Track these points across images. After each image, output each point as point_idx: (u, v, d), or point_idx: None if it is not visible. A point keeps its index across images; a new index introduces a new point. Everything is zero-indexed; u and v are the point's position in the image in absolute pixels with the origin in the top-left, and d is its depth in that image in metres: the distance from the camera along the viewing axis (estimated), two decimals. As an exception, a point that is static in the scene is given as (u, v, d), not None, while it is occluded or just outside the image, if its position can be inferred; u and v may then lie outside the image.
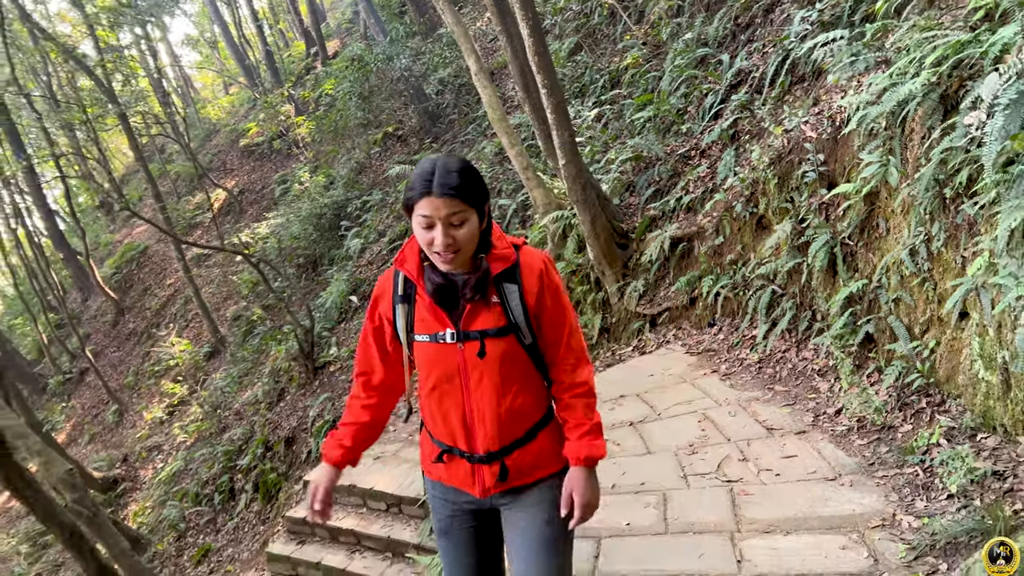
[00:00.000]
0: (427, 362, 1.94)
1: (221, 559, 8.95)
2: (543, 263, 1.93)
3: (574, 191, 5.77)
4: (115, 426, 16.00)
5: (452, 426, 1.95)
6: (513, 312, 1.88)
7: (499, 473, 1.93)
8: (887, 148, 3.47)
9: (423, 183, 1.77)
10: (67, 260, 23.06)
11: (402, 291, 1.98)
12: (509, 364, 1.89)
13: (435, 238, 1.76)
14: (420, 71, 13.32)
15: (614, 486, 3.38)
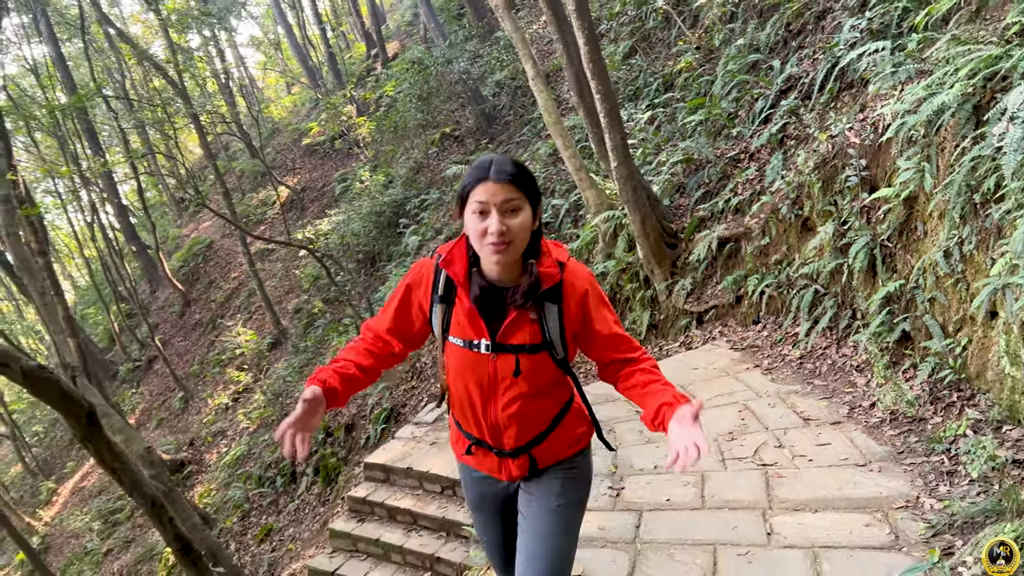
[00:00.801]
0: (458, 365, 1.97)
1: (283, 538, 9.44)
2: (587, 283, 1.93)
3: (625, 192, 6.02)
4: (181, 412, 16.78)
5: (479, 425, 2.00)
6: (550, 332, 1.90)
7: (528, 465, 2.01)
8: (924, 155, 3.65)
9: (480, 171, 1.80)
10: (137, 253, 24.13)
11: (443, 291, 1.98)
12: (538, 377, 1.93)
13: (489, 225, 1.77)
14: (478, 74, 13.66)
15: (656, 467, 3.65)
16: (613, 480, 3.59)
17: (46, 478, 21.10)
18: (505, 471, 2.05)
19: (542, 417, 1.98)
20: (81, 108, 17.31)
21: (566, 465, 2.04)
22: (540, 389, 1.93)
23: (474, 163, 1.85)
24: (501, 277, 1.90)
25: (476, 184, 1.79)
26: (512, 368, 1.89)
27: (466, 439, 2.10)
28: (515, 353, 1.89)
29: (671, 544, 2.92)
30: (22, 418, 27.07)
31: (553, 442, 2.01)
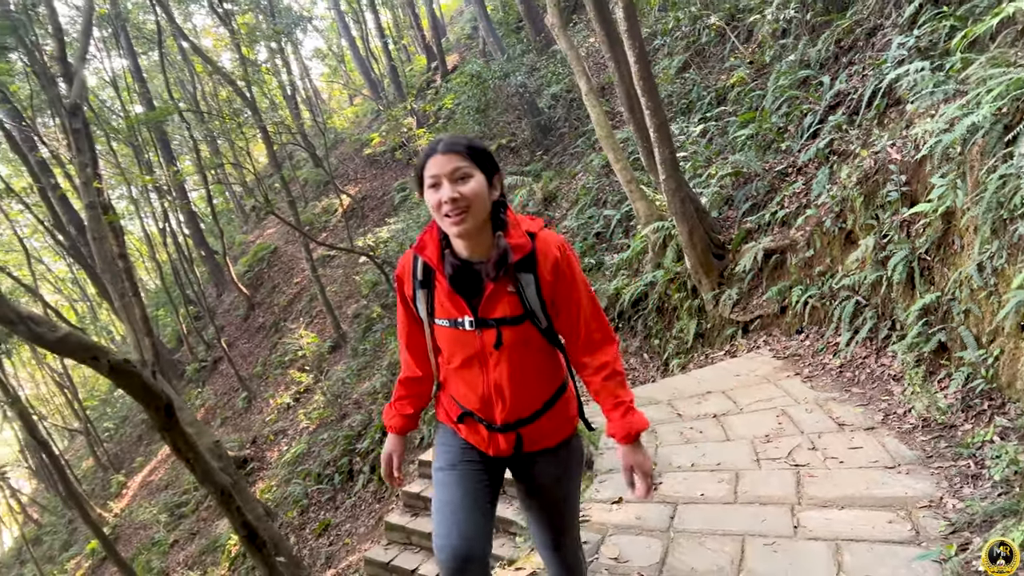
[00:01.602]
0: (447, 344, 2.04)
1: (340, 533, 9.84)
2: (558, 250, 1.98)
3: (673, 204, 6.23)
4: (244, 411, 17.45)
5: (472, 399, 2.05)
6: (529, 301, 1.95)
7: (514, 442, 2.06)
8: (959, 172, 3.79)
9: (430, 147, 1.90)
10: (205, 258, 25.13)
11: (422, 276, 2.04)
12: (524, 348, 1.98)
13: (442, 194, 1.83)
14: (534, 87, 13.98)
15: (693, 464, 3.85)
16: (652, 476, 3.80)
17: (116, 472, 22.08)
18: (493, 445, 2.08)
19: (535, 395, 2.04)
20: (157, 119, 18.17)
21: (557, 451, 2.11)
22: (528, 361, 2.00)
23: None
24: (472, 254, 1.96)
25: (427, 160, 1.89)
26: (494, 341, 1.95)
27: (458, 408, 2.12)
28: (498, 326, 1.94)
29: (702, 533, 3.13)
30: (93, 415, 28.35)
31: (542, 425, 2.06)
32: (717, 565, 2.88)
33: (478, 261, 1.95)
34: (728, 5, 9.87)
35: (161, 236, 23.55)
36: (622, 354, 7.38)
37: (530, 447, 2.08)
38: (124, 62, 24.36)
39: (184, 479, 16.60)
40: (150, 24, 25.81)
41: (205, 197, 23.14)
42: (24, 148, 15.34)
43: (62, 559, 20.27)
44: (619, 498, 3.61)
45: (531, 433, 2.06)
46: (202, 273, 26.14)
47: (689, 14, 10.35)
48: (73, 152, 9.01)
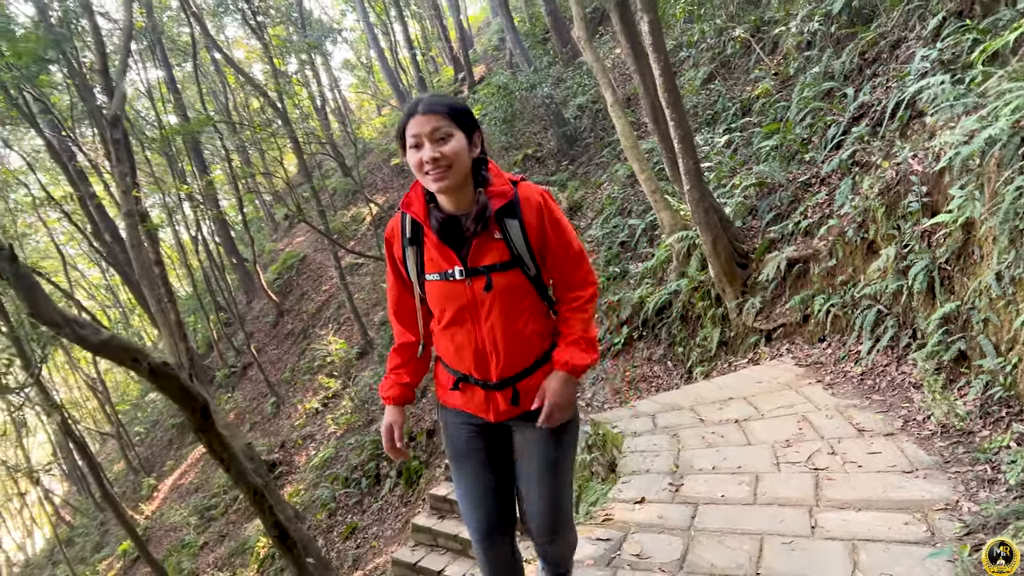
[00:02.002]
0: (439, 299, 2.08)
1: (367, 536, 10.01)
2: (541, 196, 2.07)
3: (697, 214, 6.33)
4: (273, 416, 17.74)
5: (466, 357, 2.09)
6: (516, 246, 2.01)
7: (511, 397, 2.10)
8: (978, 184, 3.87)
9: (410, 108, 1.96)
10: (236, 265, 25.58)
11: (410, 234, 2.10)
12: (515, 296, 2.04)
13: (423, 154, 1.90)
14: (560, 98, 14.15)
15: (714, 467, 3.95)
16: (674, 477, 3.91)
17: (147, 475, 22.50)
18: (492, 407, 2.14)
19: (527, 347, 2.10)
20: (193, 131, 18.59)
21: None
22: (517, 308, 2.06)
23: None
24: (456, 208, 2.03)
25: (408, 120, 1.95)
26: (483, 286, 2.01)
27: (452, 375, 2.18)
28: (487, 273, 2.01)
29: (722, 532, 3.23)
30: (124, 419, 28.89)
31: (538, 379, 2.12)
32: (736, 562, 2.98)
33: (463, 214, 2.02)
34: (754, 17, 9.96)
35: (193, 244, 24.06)
36: (646, 361, 7.50)
37: (526, 404, 2.12)
38: (159, 73, 24.94)
39: (213, 482, 16.92)
40: (184, 36, 26.44)
41: (236, 206, 23.61)
42: (63, 158, 15.78)
43: (94, 560, 20.68)
44: (641, 498, 3.72)
45: (528, 388, 2.11)
46: (232, 280, 26.60)
47: (714, 26, 10.45)
48: (113, 162, 9.32)
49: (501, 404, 2.13)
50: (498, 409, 2.14)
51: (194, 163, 23.45)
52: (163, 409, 27.31)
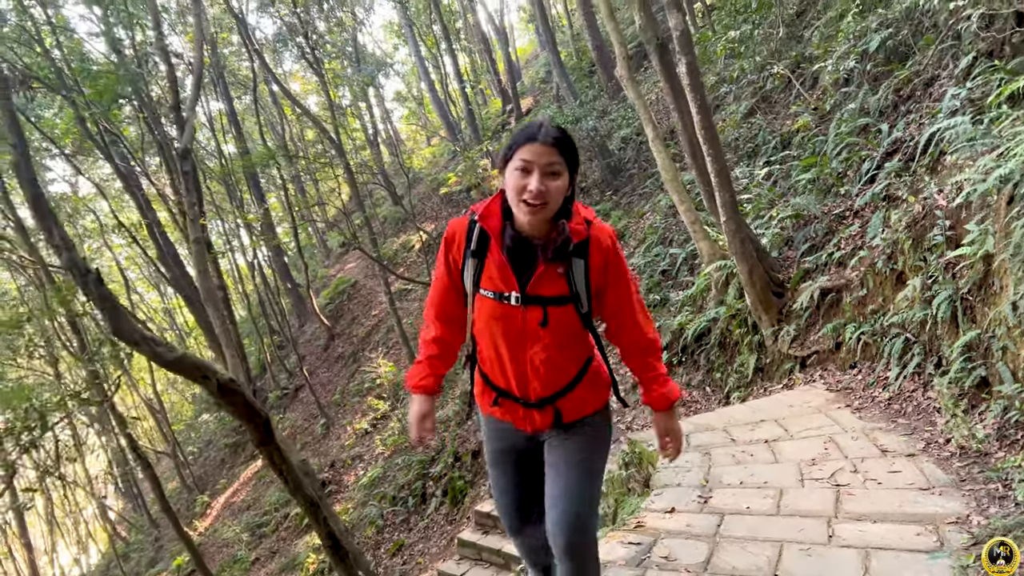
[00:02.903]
0: (488, 317, 2.10)
1: (413, 552, 10.34)
2: (610, 240, 2.09)
3: (733, 244, 6.61)
4: (322, 437, 18.24)
5: (507, 375, 2.14)
6: (576, 283, 2.04)
7: (552, 416, 2.17)
8: (993, 219, 4.11)
9: (531, 130, 1.95)
10: (289, 290, 26.41)
11: (476, 246, 2.09)
12: (564, 329, 2.09)
13: (530, 183, 1.90)
14: (605, 130, 14.54)
15: (741, 482, 4.21)
16: (703, 491, 4.18)
17: (200, 493, 23.20)
18: (529, 422, 2.21)
19: (565, 371, 2.15)
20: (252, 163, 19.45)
21: (588, 421, 2.24)
22: (565, 341, 2.12)
23: (523, 125, 2.04)
24: (532, 233, 2.04)
25: (525, 143, 1.94)
26: (540, 319, 2.05)
27: (492, 391, 2.24)
28: (543, 305, 2.04)
29: (745, 539, 3.50)
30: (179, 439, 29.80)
31: (575, 398, 2.19)
32: (756, 565, 3.25)
33: (535, 239, 2.04)
34: (795, 53, 10.24)
35: (249, 269, 24.95)
36: (685, 386, 7.75)
37: (568, 418, 2.20)
38: (220, 105, 26.11)
39: (265, 500, 17.43)
40: (244, 70, 27.64)
41: (291, 233, 24.47)
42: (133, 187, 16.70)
43: (148, 575, 21.34)
44: (672, 508, 4.00)
45: (568, 404, 2.19)
46: (286, 305, 27.45)
47: (754, 63, 10.74)
48: (182, 192, 9.97)
49: (539, 420, 2.20)
50: (535, 425, 2.22)
51: (252, 192, 24.39)
52: (216, 430, 28.16)
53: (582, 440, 2.24)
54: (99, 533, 34.52)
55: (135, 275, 33.32)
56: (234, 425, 24.08)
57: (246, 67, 27.01)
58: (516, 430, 2.28)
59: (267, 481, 18.47)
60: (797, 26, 10.95)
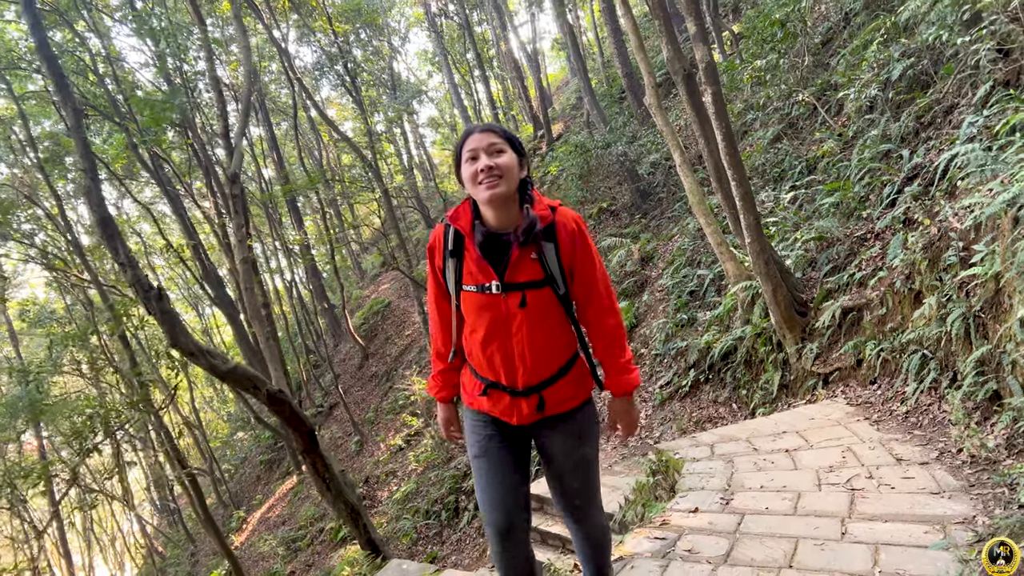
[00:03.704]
0: (474, 310, 2.23)
1: (445, 564, 10.60)
2: (575, 223, 2.24)
3: (758, 265, 6.89)
4: (356, 454, 18.63)
5: (495, 365, 2.25)
6: (550, 266, 2.18)
7: (537, 404, 2.28)
8: (1000, 240, 4.36)
9: (468, 129, 2.20)
10: (325, 310, 27.02)
11: (452, 246, 2.25)
12: (545, 311, 2.21)
13: (479, 163, 2.10)
14: (635, 155, 14.87)
15: (762, 487, 4.47)
16: (725, 494, 4.45)
17: (236, 508, 23.68)
18: (516, 411, 2.32)
19: (552, 358, 2.29)
20: (296, 188, 20.08)
21: (574, 415, 2.40)
22: (548, 324, 2.25)
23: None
24: (500, 224, 2.22)
25: (466, 138, 2.19)
26: (519, 301, 2.18)
27: (480, 383, 2.36)
28: (522, 290, 2.18)
29: (763, 536, 3.76)
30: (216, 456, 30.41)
31: (561, 387, 2.32)
32: (772, 558, 3.51)
33: (505, 232, 2.21)
34: (820, 81, 10.52)
35: (286, 291, 25.61)
36: (712, 403, 7.99)
37: (552, 409, 2.33)
38: (260, 131, 26.97)
39: (300, 515, 17.82)
40: (283, 97, 28.52)
41: (327, 255, 25.10)
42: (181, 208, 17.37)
43: (185, 589, 21.87)
44: (695, 508, 4.27)
45: (552, 395, 2.31)
46: (321, 324, 28.05)
47: (780, 91, 11.04)
48: (231, 214, 10.47)
49: (525, 409, 2.31)
50: (521, 414, 2.32)
51: (291, 215, 25.09)
52: (251, 447, 28.74)
53: (578, 434, 2.43)
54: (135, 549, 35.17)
55: (174, 295, 34.23)
56: (269, 443, 24.63)
57: (285, 94, 27.92)
58: (501, 421, 2.39)
59: (302, 497, 18.88)
60: (823, 54, 11.24)
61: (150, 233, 28.46)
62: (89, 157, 6.51)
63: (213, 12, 20.08)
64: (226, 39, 21.45)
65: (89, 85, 15.90)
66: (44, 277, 26.04)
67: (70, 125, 6.57)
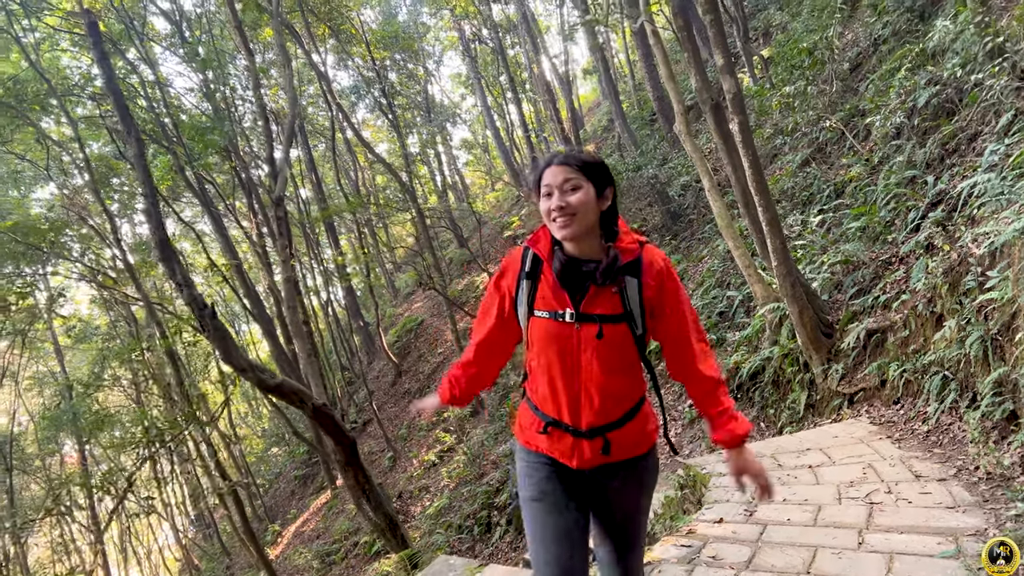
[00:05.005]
0: (543, 338, 2.09)
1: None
2: (663, 262, 2.10)
3: (784, 287, 7.11)
4: (389, 470, 18.96)
5: (559, 401, 2.10)
6: (630, 301, 2.04)
7: (602, 447, 2.10)
8: (1013, 267, 4.57)
9: (546, 160, 2.10)
10: (359, 328, 27.54)
11: (529, 268, 2.13)
12: (619, 349, 2.06)
13: (552, 202, 2.01)
14: (665, 177, 15.15)
15: (785, 500, 4.70)
16: (749, 506, 4.68)
17: (271, 522, 24.13)
18: (578, 454, 2.13)
19: (618, 402, 2.13)
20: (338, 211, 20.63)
21: (639, 462, 2.21)
22: (619, 363, 2.10)
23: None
24: (581, 253, 2.10)
25: (543, 171, 2.09)
26: (595, 333, 2.05)
27: (541, 420, 2.18)
28: (598, 322, 2.05)
29: (784, 544, 4.00)
30: (250, 470, 30.98)
31: (627, 432, 2.15)
32: (792, 565, 3.75)
33: (586, 260, 2.10)
34: (848, 106, 10.73)
35: (322, 309, 26.18)
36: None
37: (616, 455, 2.15)
38: (298, 152, 27.70)
39: (334, 529, 18.17)
40: (321, 120, 29.26)
41: (362, 273, 25.66)
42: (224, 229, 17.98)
43: (220, 601, 22.32)
44: (720, 519, 4.51)
45: (619, 438, 2.14)
46: (356, 342, 28.56)
47: (807, 117, 11.26)
48: (276, 236, 10.93)
49: (587, 452, 2.12)
50: (583, 456, 2.13)
51: (328, 235, 25.71)
52: (285, 463, 29.24)
53: (633, 484, 2.24)
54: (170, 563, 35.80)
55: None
56: (303, 458, 25.10)
57: (322, 116, 28.66)
58: (560, 464, 2.20)
59: (336, 511, 19.24)
60: (851, 79, 11.45)
61: (190, 252, 29.31)
62: (151, 184, 6.94)
63: (255, 39, 20.83)
64: (266, 63, 22.20)
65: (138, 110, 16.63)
66: (90, 294, 26.99)
67: (133, 154, 7.02)
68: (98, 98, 16.32)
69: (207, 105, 16.77)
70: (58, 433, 25.72)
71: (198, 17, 18.10)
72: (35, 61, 13.95)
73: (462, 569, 4.83)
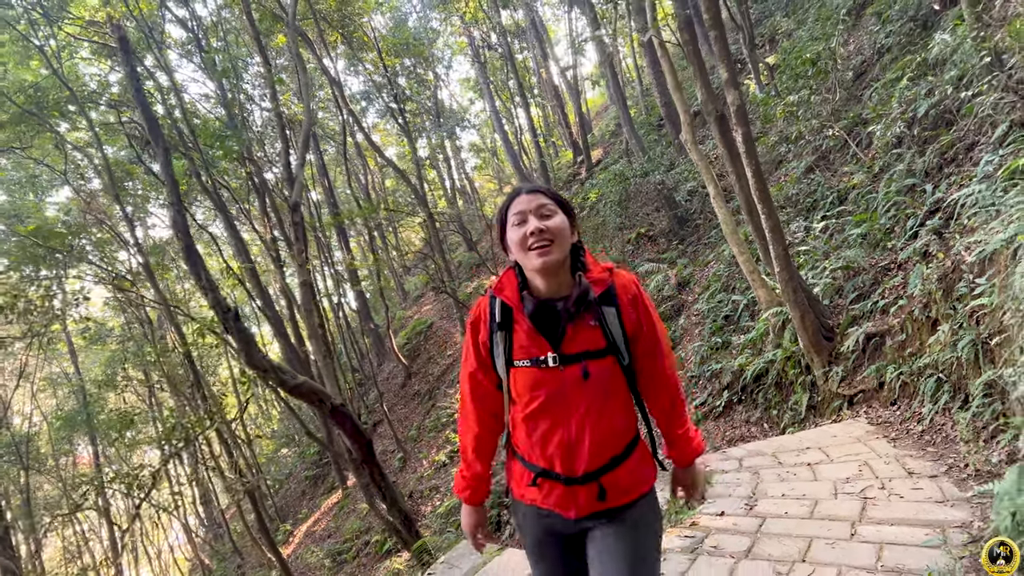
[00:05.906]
0: (528, 387, 1.97)
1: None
2: (634, 284, 2.03)
3: (786, 292, 7.36)
4: (399, 471, 19.23)
5: (550, 449, 1.97)
6: (612, 333, 1.94)
7: (597, 493, 1.99)
8: (999, 275, 4.82)
9: (514, 192, 2.01)
10: (369, 330, 27.85)
11: (500, 318, 2.01)
12: (609, 385, 1.96)
13: (528, 226, 1.89)
14: (672, 182, 15.39)
15: (783, 495, 4.95)
16: (749, 501, 4.94)
17: (282, 522, 24.44)
18: (572, 503, 2.02)
19: (612, 441, 2.02)
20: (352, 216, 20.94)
21: (635, 508, 2.06)
22: (612, 399, 2.00)
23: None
24: (552, 292, 1.99)
25: (511, 201, 2.00)
26: (580, 374, 1.94)
27: (530, 472, 2.06)
28: (582, 360, 1.94)
29: (781, 536, 4.25)
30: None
31: (622, 475, 2.03)
32: (788, 554, 4.00)
33: (557, 299, 1.99)
34: (852, 114, 10.96)
35: (332, 311, 26.49)
36: (744, 423, 8.43)
37: (613, 500, 2.03)
38: (310, 156, 28.05)
39: (345, 529, 18.46)
40: (331, 124, 29.62)
41: (371, 276, 25.98)
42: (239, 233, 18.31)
43: (233, 600, 22.63)
44: (721, 512, 4.77)
45: (613, 482, 2.03)
46: (366, 344, 28.87)
47: (811, 126, 11.50)
48: (293, 240, 11.23)
49: (582, 499, 2.02)
50: (579, 504, 2.03)
51: (339, 238, 26.05)
52: (295, 463, 29.58)
53: (631, 529, 2.06)
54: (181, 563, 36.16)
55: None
56: (314, 459, 25.41)
57: (333, 121, 29.03)
58: (555, 514, 2.09)
59: (347, 511, 19.52)
60: (855, 87, 11.69)
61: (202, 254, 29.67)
62: (176, 191, 7.23)
63: (268, 46, 21.20)
64: (278, 69, 22.55)
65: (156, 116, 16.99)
66: (104, 296, 27.40)
67: (161, 163, 7.32)
68: (116, 104, 16.70)
69: (220, 110, 17.14)
70: (72, 433, 26.12)
71: (213, 25, 18.45)
72: (57, 69, 14.31)
73: (483, 552, 5.08)
